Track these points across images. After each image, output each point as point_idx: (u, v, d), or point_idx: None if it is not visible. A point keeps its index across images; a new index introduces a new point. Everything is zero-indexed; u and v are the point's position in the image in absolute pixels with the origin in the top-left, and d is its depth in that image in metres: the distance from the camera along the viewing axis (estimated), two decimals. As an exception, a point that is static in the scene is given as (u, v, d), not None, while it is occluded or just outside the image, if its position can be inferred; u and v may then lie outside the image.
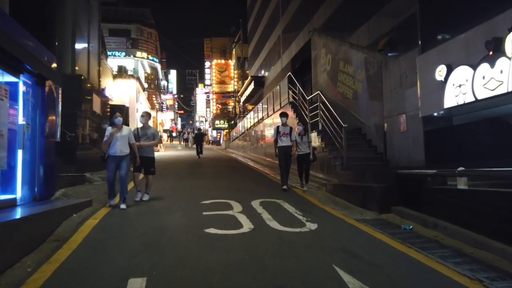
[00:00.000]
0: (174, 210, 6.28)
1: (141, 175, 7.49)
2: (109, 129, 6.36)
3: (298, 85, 12.00)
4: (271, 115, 15.71)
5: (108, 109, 13.43)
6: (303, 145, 8.38)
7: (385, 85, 8.86)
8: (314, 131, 10.36)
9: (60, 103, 7.03)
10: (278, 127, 8.39)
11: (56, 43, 9.42)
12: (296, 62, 18.13)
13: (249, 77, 28.06)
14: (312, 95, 10.77)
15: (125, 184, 6.49)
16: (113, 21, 44.97)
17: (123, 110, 18.52)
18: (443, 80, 6.65)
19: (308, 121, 10.75)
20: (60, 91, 6.96)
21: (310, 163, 8.58)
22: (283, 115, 8.44)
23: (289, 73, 13.00)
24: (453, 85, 6.41)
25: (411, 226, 5.21)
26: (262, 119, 17.82)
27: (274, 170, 12.71)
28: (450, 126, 7.46)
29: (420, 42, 7.54)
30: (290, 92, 12.97)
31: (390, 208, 6.07)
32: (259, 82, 26.50)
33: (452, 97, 6.41)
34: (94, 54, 12.35)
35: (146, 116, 7.24)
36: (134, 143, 6.63)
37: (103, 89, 20.69)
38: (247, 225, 5.24)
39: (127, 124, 20.37)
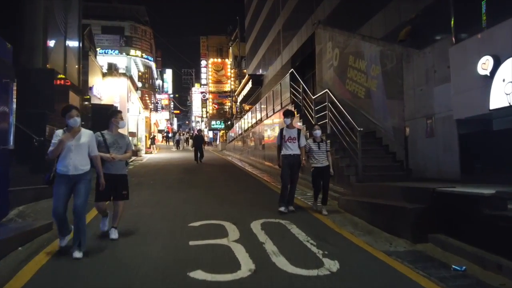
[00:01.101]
0: (153, 238, 4.95)
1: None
2: (57, 134, 4.18)
3: (302, 82, 10.72)
4: (270, 116, 14.41)
5: (86, 109, 12.05)
6: (321, 155, 6.55)
7: (407, 81, 7.59)
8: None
9: (14, 101, 5.69)
10: (282, 130, 6.69)
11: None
12: (297, 58, 16.84)
13: (247, 76, 26.70)
14: (319, 94, 9.49)
15: (82, 220, 4.20)
16: (106, 18, 43.58)
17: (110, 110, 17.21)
18: (488, 74, 5.37)
19: (313, 123, 9.45)
20: (14, 87, 5.62)
21: (329, 179, 6.67)
22: (288, 114, 6.70)
23: (292, 69, 11.72)
24: (503, 80, 5.14)
25: (464, 267, 3.92)
26: (261, 120, 16.52)
27: (274, 177, 11.41)
28: (490, 130, 6.19)
29: (453, 30, 6.26)
30: (293, 90, 11.67)
31: (427, 236, 4.78)
32: (257, 80, 25.15)
33: (502, 96, 5.14)
34: (73, 48, 10.98)
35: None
36: (98, 156, 4.45)
37: (91, 88, 19.37)
38: (246, 264, 3.93)
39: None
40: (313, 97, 9.72)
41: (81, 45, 11.22)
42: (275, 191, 8.93)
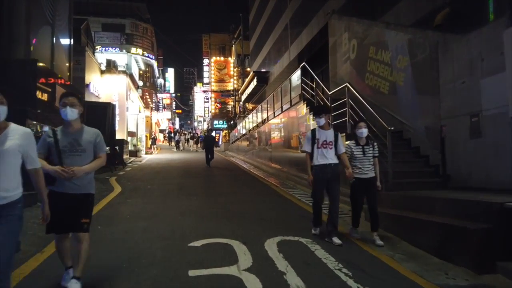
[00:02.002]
0: (145, 267, 3.89)
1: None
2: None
3: (316, 77, 9.64)
4: (278, 115, 13.34)
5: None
6: (367, 162, 4.91)
7: (444, 73, 6.51)
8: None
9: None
10: (313, 131, 4.99)
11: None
12: (307, 53, 15.76)
13: (251, 73, 25.53)
14: (337, 89, 8.41)
15: (3, 283, 2.43)
16: (106, 15, 42.71)
17: (107, 109, 16.18)
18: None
19: (330, 122, 8.38)
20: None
21: (377, 195, 5.01)
22: (320, 111, 4.99)
23: (303, 63, 10.65)
24: None
25: None
26: (267, 119, 15.45)
27: (283, 182, 10.35)
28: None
29: (510, 10, 5.19)
30: (304, 86, 10.60)
31: (496, 264, 3.72)
32: (263, 78, 23.99)
33: None
34: (63, 41, 9.94)
35: (73, 103, 3.10)
36: (39, 169, 2.72)
37: (87, 85, 18.38)
38: (266, 312, 2.88)
39: (113, 125, 18.05)
40: (330, 93, 8.65)
41: (71, 38, 10.19)
42: (287, 199, 7.89)
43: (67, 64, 10.18)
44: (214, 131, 19.87)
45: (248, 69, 40.98)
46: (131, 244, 4.62)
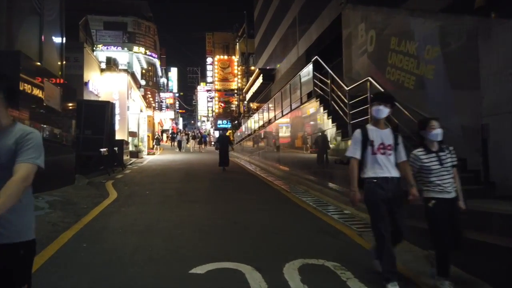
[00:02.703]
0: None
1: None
2: None
3: (331, 72, 8.75)
4: (287, 114, 12.47)
5: (71, 104, 10.18)
6: (447, 176, 3.34)
7: (485, 64, 5.62)
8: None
9: None
10: (364, 130, 3.46)
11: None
12: (317, 47, 14.84)
13: (257, 70, 24.58)
14: (357, 83, 7.50)
15: None
16: (108, 13, 42.00)
17: (106, 108, 15.35)
18: None
19: (348, 121, 7.51)
20: None
21: (459, 221, 3.37)
22: (383, 99, 3.48)
23: (316, 57, 9.77)
24: None
25: None
26: (275, 118, 14.58)
27: (294, 186, 9.45)
28: None
29: None
30: (316, 82, 9.72)
31: None
32: (269, 75, 23.03)
33: None
34: (53, 33, 9.10)
35: None
36: None
37: (86, 83, 17.59)
38: None
39: (113, 125, 17.21)
40: (347, 88, 7.75)
41: (63, 30, 9.35)
42: (302, 207, 7.01)
43: (59, 61, 9.33)
44: (227, 131, 17.93)
45: (253, 67, 40.16)
46: (117, 269, 3.76)
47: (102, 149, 11.85)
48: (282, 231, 5.31)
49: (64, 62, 9.45)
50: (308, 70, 10.18)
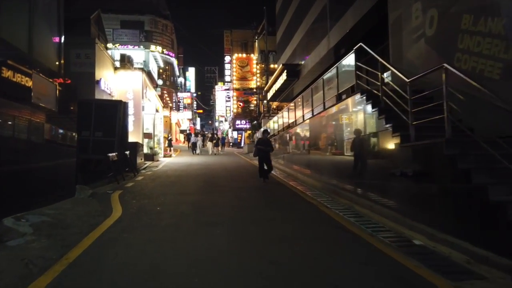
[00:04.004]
0: None
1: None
2: None
3: (381, 60, 7.06)
4: (320, 113, 10.83)
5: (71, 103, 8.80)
6: None
7: None
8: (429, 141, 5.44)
9: None
10: None
11: None
12: (353, 37, 13.04)
13: (280, 66, 22.77)
14: (426, 72, 5.79)
15: None
16: (124, 11, 41.26)
17: (118, 108, 14.04)
18: None
19: (410, 122, 5.83)
20: None
21: None
22: None
23: (360, 43, 8.09)
24: None
25: None
26: (303, 119, 12.95)
27: (334, 199, 7.74)
28: None
29: None
30: (360, 74, 8.07)
31: None
32: (293, 71, 21.22)
33: None
34: (48, 21, 7.73)
35: None
36: None
37: (98, 81, 16.40)
38: None
39: (126, 126, 15.84)
40: (408, 80, 6.05)
41: (62, 17, 7.97)
42: (355, 234, 5.36)
43: (52, 46, 7.94)
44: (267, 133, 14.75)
45: (272, 65, 38.51)
46: None
47: (110, 154, 10.49)
48: (345, 283, 3.69)
49: (62, 56, 8.07)
50: (349, 60, 8.53)
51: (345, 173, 8.66)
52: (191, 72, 65.01)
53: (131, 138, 17.81)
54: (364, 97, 7.52)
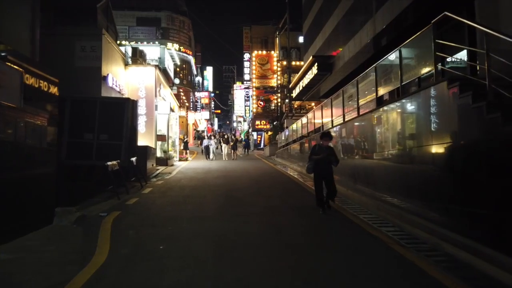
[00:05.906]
0: None
1: None
2: None
3: (487, 29, 4.77)
4: (374, 110, 8.49)
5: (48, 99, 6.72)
6: None
7: None
8: None
9: None
10: None
11: None
12: (407, 19, 10.60)
13: (310, 58, 20.06)
14: None
15: None
16: (141, 8, 39.85)
17: (125, 106, 12.06)
18: None
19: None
20: None
21: None
22: None
23: (444, 12, 5.80)
24: None
25: None
26: (343, 119, 10.62)
27: (388, 221, 5.40)
28: None
29: None
30: (442, 55, 5.75)
31: None
32: (325, 64, 18.59)
33: None
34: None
35: None
36: None
37: (105, 77, 14.55)
38: None
39: (135, 128, 13.78)
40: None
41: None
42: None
43: (27, 30, 5.93)
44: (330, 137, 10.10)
45: (294, 62, 36.13)
46: None
47: (109, 163, 8.46)
48: None
49: (37, 39, 6.05)
50: (426, 38, 6.18)
51: (417, 189, 6.29)
52: (209, 71, 63.28)
53: (143, 141, 15.91)
54: (458, 87, 5.18)
